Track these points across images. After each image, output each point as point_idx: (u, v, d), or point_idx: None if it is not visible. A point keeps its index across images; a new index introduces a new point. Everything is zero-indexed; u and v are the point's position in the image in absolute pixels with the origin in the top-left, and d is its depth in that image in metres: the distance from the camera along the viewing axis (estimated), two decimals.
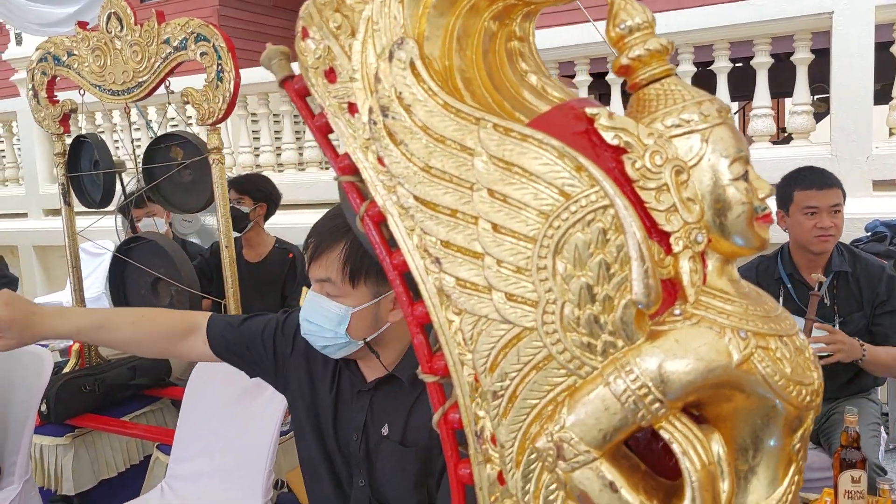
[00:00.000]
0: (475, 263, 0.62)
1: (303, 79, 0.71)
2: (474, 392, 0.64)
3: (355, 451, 1.46)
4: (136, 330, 1.51)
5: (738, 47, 4.92)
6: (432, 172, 0.63)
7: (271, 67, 0.74)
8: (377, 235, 0.69)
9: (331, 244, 1.33)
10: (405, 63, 0.62)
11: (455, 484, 0.68)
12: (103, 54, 3.17)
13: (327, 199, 6.12)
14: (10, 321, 1.30)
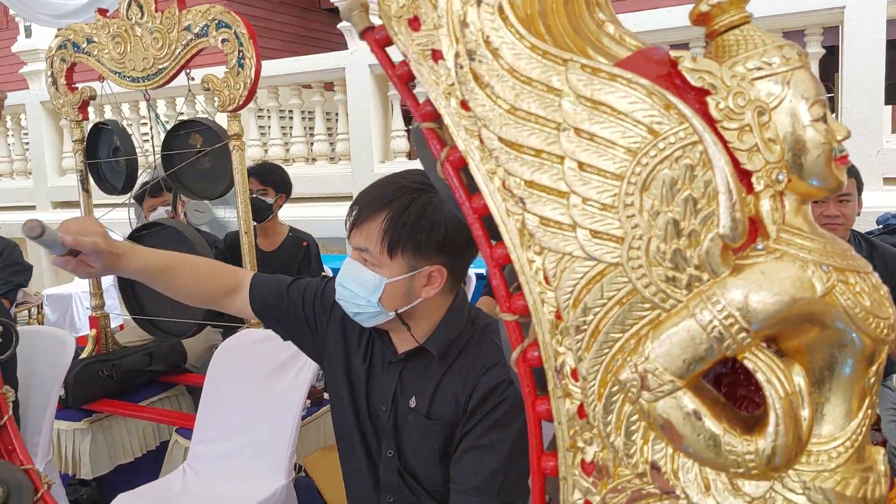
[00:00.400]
0: (560, 202, 0.64)
1: (384, 29, 0.73)
2: (555, 329, 0.66)
3: (384, 421, 1.48)
4: (192, 277, 1.52)
5: None
6: (518, 114, 0.64)
7: (352, 19, 0.76)
8: (457, 180, 0.70)
9: (372, 214, 1.35)
10: (493, 8, 0.64)
11: (533, 420, 0.70)
12: (123, 41, 3.19)
13: (335, 192, 6.15)
14: (109, 253, 1.30)
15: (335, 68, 5.95)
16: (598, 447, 0.66)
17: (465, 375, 1.40)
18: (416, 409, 1.44)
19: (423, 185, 1.37)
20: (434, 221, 1.34)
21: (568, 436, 0.67)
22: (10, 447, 1.40)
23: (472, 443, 1.36)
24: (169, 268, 1.49)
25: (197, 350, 3.87)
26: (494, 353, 1.40)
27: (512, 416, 1.36)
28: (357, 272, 1.36)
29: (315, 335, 1.60)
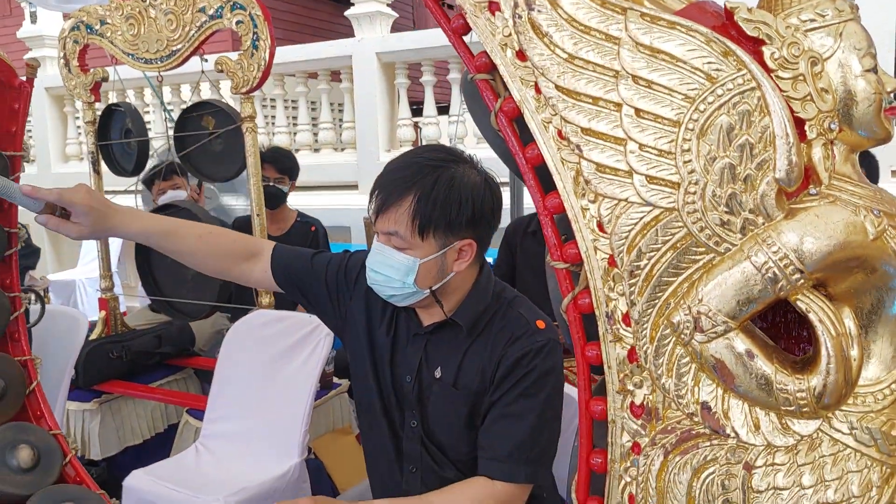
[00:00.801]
0: (616, 149, 0.65)
1: None
2: (607, 275, 0.68)
3: (409, 392, 1.50)
4: (201, 243, 1.51)
5: None
6: (576, 63, 0.66)
7: None
8: (510, 131, 0.72)
9: (399, 197, 1.35)
10: None
11: (582, 365, 0.71)
12: (137, 23, 3.19)
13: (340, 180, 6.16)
14: (89, 208, 1.29)
15: (342, 56, 5.95)
16: (648, 390, 0.68)
17: (491, 346, 1.41)
18: (441, 379, 1.45)
19: (443, 160, 1.38)
20: (462, 197, 1.34)
21: (618, 379, 0.69)
22: (39, 413, 1.41)
23: (500, 411, 1.37)
24: (175, 232, 1.48)
25: (205, 334, 3.88)
26: (521, 325, 1.42)
27: (540, 386, 1.37)
28: (389, 256, 1.37)
29: (337, 308, 1.61)
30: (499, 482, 1.34)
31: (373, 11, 5.98)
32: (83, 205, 1.29)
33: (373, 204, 1.39)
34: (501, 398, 1.37)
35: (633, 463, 0.69)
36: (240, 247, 1.57)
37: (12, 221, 1.37)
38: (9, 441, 1.30)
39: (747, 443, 0.64)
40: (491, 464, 1.35)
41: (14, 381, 1.36)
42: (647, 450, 0.68)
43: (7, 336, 1.41)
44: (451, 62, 5.70)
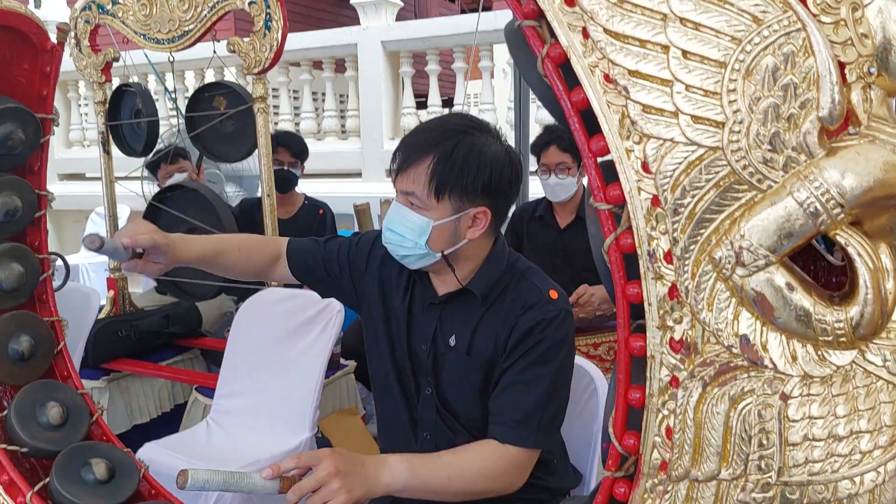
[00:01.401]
0: (663, 90, 0.68)
1: None
2: (650, 215, 0.71)
3: (424, 360, 1.53)
4: (241, 255, 1.59)
5: None
6: (624, 6, 0.69)
7: None
8: (556, 76, 0.74)
9: (419, 158, 1.38)
10: None
11: (623, 302, 0.74)
12: (149, 3, 3.21)
13: (344, 168, 6.18)
14: (166, 246, 1.37)
15: (347, 44, 5.97)
16: (688, 325, 0.71)
17: (505, 315, 1.44)
18: (456, 346, 1.48)
19: (468, 127, 1.41)
20: (480, 163, 1.37)
21: (658, 316, 0.72)
22: (66, 374, 1.43)
23: (513, 378, 1.40)
24: (223, 250, 1.57)
25: (211, 315, 3.91)
26: (534, 294, 1.45)
27: (552, 354, 1.40)
28: (404, 215, 1.40)
29: (353, 286, 1.64)
30: (509, 445, 1.37)
31: (378, 0, 5.99)
32: (164, 243, 1.37)
33: (394, 164, 1.43)
34: (513, 365, 1.40)
35: (672, 396, 0.71)
36: (269, 250, 1.65)
37: (42, 183, 1.39)
38: (39, 398, 1.33)
39: (784, 373, 0.67)
40: (501, 428, 1.38)
41: (43, 341, 1.38)
42: (685, 383, 0.71)
43: (35, 297, 1.43)
44: (457, 51, 5.72)
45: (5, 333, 1.31)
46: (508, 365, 1.43)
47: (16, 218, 1.32)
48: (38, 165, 1.38)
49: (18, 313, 1.34)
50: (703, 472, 0.70)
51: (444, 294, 1.51)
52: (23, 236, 1.39)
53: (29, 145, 1.30)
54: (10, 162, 1.30)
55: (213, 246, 1.56)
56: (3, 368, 1.30)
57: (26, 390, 1.32)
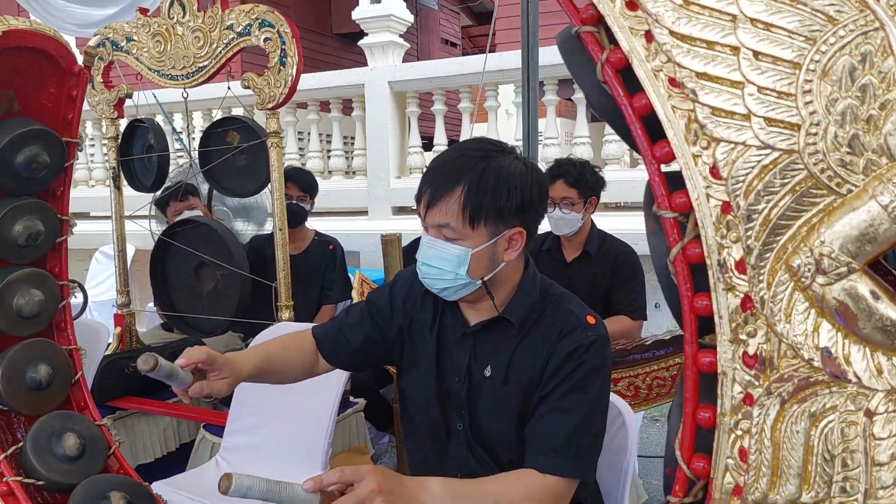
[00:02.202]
0: (733, 92, 0.66)
1: None
2: (719, 223, 0.68)
3: (457, 393, 1.48)
4: (289, 354, 1.55)
5: None
6: (691, 8, 0.67)
7: None
8: (616, 81, 0.72)
9: (449, 189, 1.36)
10: None
11: (690, 316, 0.70)
12: (164, 40, 3.23)
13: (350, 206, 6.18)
14: (224, 359, 1.32)
15: (354, 84, 6.01)
16: (762, 339, 0.67)
17: (542, 342, 1.41)
18: (491, 377, 1.44)
19: (489, 150, 1.40)
20: (511, 184, 1.35)
21: (730, 329, 0.68)
22: (83, 404, 1.39)
23: (551, 406, 1.36)
24: (272, 356, 1.52)
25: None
26: (571, 320, 1.41)
27: (590, 381, 1.36)
28: (440, 248, 1.38)
29: (385, 339, 1.60)
30: (549, 475, 1.32)
31: (385, 41, 6.07)
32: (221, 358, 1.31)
33: (422, 199, 1.40)
34: (552, 392, 1.36)
35: (746, 415, 0.68)
36: (305, 344, 1.61)
37: (64, 208, 1.36)
38: (55, 429, 1.28)
39: (869, 388, 0.63)
40: (540, 457, 1.33)
41: (61, 370, 1.34)
42: (761, 400, 0.67)
43: (53, 325, 1.39)
44: (462, 91, 5.76)
45: (23, 361, 1.27)
46: (546, 392, 1.39)
47: (37, 242, 1.29)
48: (60, 190, 1.36)
49: (37, 341, 1.31)
50: (782, 495, 0.66)
51: (477, 323, 1.48)
52: (43, 262, 1.36)
53: (53, 169, 1.28)
54: (33, 186, 1.28)
55: (263, 354, 1.50)
56: (19, 398, 1.26)
57: (43, 421, 1.27)
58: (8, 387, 1.24)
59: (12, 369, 1.24)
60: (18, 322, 1.28)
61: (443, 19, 13.37)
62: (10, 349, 1.26)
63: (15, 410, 1.26)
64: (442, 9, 13.29)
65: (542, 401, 1.38)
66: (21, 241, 1.26)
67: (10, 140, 1.19)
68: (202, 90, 3.23)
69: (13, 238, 1.24)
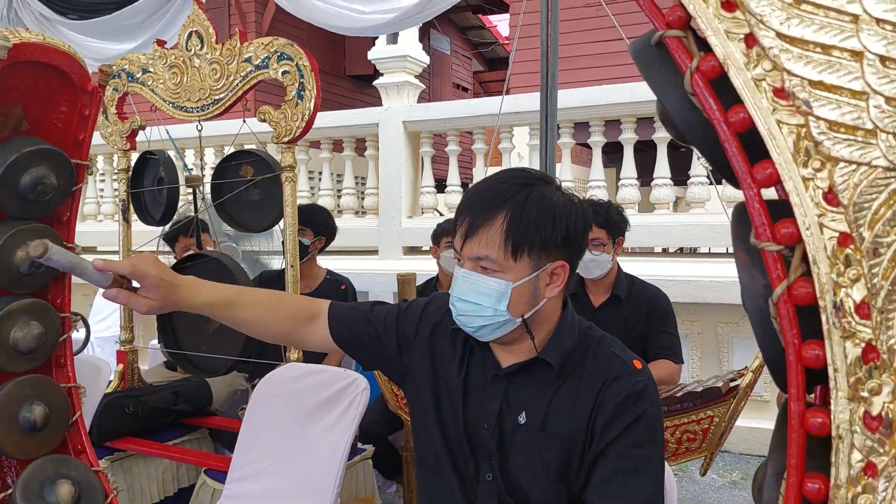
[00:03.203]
0: (855, 104, 0.56)
1: None
2: (835, 258, 0.57)
3: (486, 440, 1.36)
4: (263, 310, 1.44)
5: None
6: (803, 7, 0.57)
7: None
8: (708, 93, 0.63)
9: (489, 218, 1.26)
10: None
11: (797, 368, 0.60)
12: (180, 72, 3.18)
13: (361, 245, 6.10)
14: (159, 280, 1.22)
15: (369, 124, 5.98)
16: (889, 397, 0.56)
17: (586, 388, 1.29)
18: (527, 424, 1.32)
19: (531, 179, 1.31)
20: (555, 213, 1.26)
21: (847, 384, 0.57)
22: (80, 447, 1.28)
23: (614, 466, 1.23)
24: (237, 300, 1.41)
25: (221, 394, 3.73)
26: (617, 365, 1.30)
27: (653, 434, 1.25)
28: (477, 282, 1.27)
29: (400, 356, 1.50)
30: None
31: (401, 82, 6.06)
32: (154, 276, 1.21)
33: (459, 229, 1.31)
34: (610, 448, 1.24)
35: (868, 488, 0.56)
36: (301, 309, 1.50)
37: (70, 235, 1.27)
38: (49, 475, 1.17)
39: None
40: None
41: (58, 410, 1.23)
42: (888, 471, 0.56)
43: (52, 360, 1.29)
44: (476, 133, 5.72)
45: (17, 400, 1.16)
46: (603, 448, 1.27)
47: (40, 271, 1.19)
48: (67, 215, 1.27)
49: (33, 377, 1.20)
50: None
51: (511, 365, 1.37)
52: (44, 292, 1.27)
53: (61, 192, 1.19)
54: (38, 209, 1.19)
55: (227, 295, 1.41)
56: (11, 440, 1.14)
57: (36, 465, 1.16)
58: None
59: (5, 408, 1.13)
60: (14, 357, 1.17)
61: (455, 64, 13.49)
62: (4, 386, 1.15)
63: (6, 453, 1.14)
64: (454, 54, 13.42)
65: (601, 459, 1.26)
66: (23, 268, 1.16)
67: (16, 159, 1.11)
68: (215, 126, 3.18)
69: (15, 265, 1.14)
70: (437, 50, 12.24)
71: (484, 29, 14.06)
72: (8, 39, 1.04)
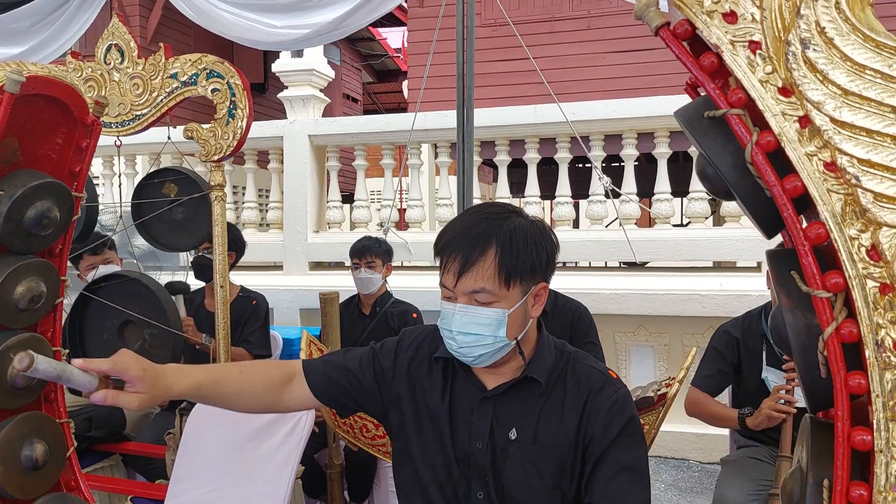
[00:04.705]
0: (895, 180, 0.69)
1: (686, 23, 0.77)
2: (877, 303, 0.70)
3: (479, 460, 1.44)
4: (243, 381, 1.44)
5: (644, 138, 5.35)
6: (850, 99, 0.70)
7: (646, 16, 0.80)
8: (765, 162, 0.74)
9: (481, 254, 1.35)
10: (831, 2, 0.70)
11: (843, 394, 0.72)
12: (98, 86, 3.06)
13: (264, 260, 6.01)
14: (143, 372, 1.21)
15: (272, 136, 5.91)
16: None
17: (571, 400, 1.40)
18: (518, 440, 1.41)
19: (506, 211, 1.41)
20: (537, 240, 1.38)
21: (887, 408, 0.70)
22: (73, 483, 1.24)
23: (616, 467, 1.35)
24: (222, 377, 1.43)
25: (133, 417, 3.60)
26: (597, 377, 1.43)
27: (640, 431, 1.39)
28: (476, 315, 1.35)
29: (380, 394, 1.55)
30: None
31: (306, 95, 6.02)
32: (136, 367, 1.20)
33: (450, 267, 1.37)
34: (609, 452, 1.36)
35: None
36: (277, 373, 1.52)
37: (63, 268, 1.24)
38: None
39: None
40: None
41: (56, 447, 1.20)
42: None
43: (42, 396, 1.25)
44: (385, 148, 5.78)
45: (17, 439, 1.12)
46: (602, 453, 1.38)
47: (38, 305, 1.16)
48: (59, 248, 1.24)
49: (31, 414, 1.16)
50: None
51: (498, 386, 1.45)
52: (35, 327, 1.23)
53: (61, 226, 1.17)
54: (39, 243, 1.16)
55: (209, 375, 1.41)
56: (13, 480, 1.11)
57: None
58: (2, 468, 1.09)
59: (7, 448, 1.10)
60: (11, 393, 1.14)
61: (345, 75, 13.46)
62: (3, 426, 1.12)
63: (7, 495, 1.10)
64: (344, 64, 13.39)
65: (601, 462, 1.37)
66: (22, 304, 1.13)
67: (23, 193, 1.08)
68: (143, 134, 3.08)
69: (14, 301, 1.11)
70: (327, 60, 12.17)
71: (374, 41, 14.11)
72: (21, 73, 1.03)
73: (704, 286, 4.72)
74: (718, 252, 4.96)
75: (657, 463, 4.66)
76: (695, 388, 2.78)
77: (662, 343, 4.91)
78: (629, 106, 5.09)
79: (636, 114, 5.04)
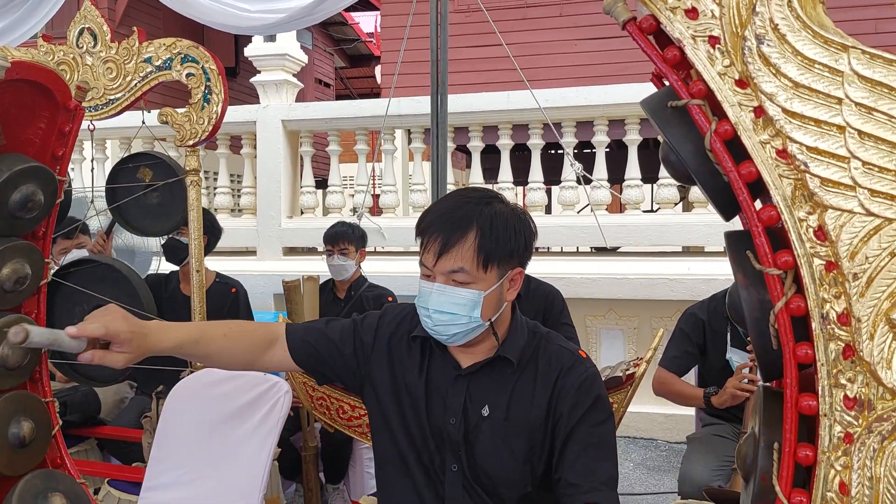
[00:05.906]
0: (840, 166, 0.75)
1: (650, 18, 0.82)
2: (822, 280, 0.76)
3: (452, 435, 1.49)
4: (227, 342, 1.48)
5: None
6: (800, 90, 0.75)
7: (614, 11, 0.85)
8: (723, 150, 0.80)
9: (461, 236, 1.40)
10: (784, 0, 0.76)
11: (791, 363, 0.78)
12: (70, 69, 3.05)
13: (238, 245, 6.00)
14: (130, 333, 1.23)
15: (245, 122, 5.89)
16: (861, 384, 0.76)
17: (542, 379, 1.46)
18: (490, 416, 1.47)
19: (488, 198, 1.46)
20: (516, 227, 1.43)
21: (830, 375, 0.76)
22: (59, 461, 1.27)
23: (584, 443, 1.42)
24: (201, 338, 1.46)
25: (108, 402, 3.60)
26: (567, 356, 1.49)
27: (608, 409, 1.45)
28: (452, 294, 1.40)
29: (358, 367, 1.59)
30: None
31: (279, 80, 6.01)
32: (126, 331, 1.22)
33: (430, 247, 1.42)
34: (577, 429, 1.42)
35: (846, 452, 0.76)
36: (260, 336, 1.56)
37: (47, 250, 1.27)
38: (40, 490, 1.17)
39: None
40: (594, 494, 1.38)
41: (43, 425, 1.23)
42: (862, 438, 0.75)
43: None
44: (358, 134, 5.79)
45: (5, 416, 1.15)
46: (571, 429, 1.44)
47: (23, 287, 1.19)
48: (42, 230, 1.26)
49: (18, 394, 1.19)
50: None
51: (472, 365, 1.51)
52: (19, 308, 1.25)
53: (45, 209, 1.20)
54: (23, 226, 1.18)
55: (192, 333, 1.45)
56: (2, 457, 1.14)
57: (26, 481, 1.16)
58: None
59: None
60: (3, 374, 1.17)
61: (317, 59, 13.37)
62: None
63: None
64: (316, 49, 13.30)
65: (571, 438, 1.43)
66: (7, 285, 1.16)
67: (8, 177, 1.11)
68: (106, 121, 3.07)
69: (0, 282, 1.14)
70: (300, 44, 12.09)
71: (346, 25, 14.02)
72: (6, 59, 1.05)
73: (673, 270, 4.82)
74: (687, 237, 5.07)
75: (626, 443, 4.77)
76: (662, 369, 2.87)
77: (632, 326, 5.01)
78: (601, 93, 5.16)
79: (608, 101, 5.11)
